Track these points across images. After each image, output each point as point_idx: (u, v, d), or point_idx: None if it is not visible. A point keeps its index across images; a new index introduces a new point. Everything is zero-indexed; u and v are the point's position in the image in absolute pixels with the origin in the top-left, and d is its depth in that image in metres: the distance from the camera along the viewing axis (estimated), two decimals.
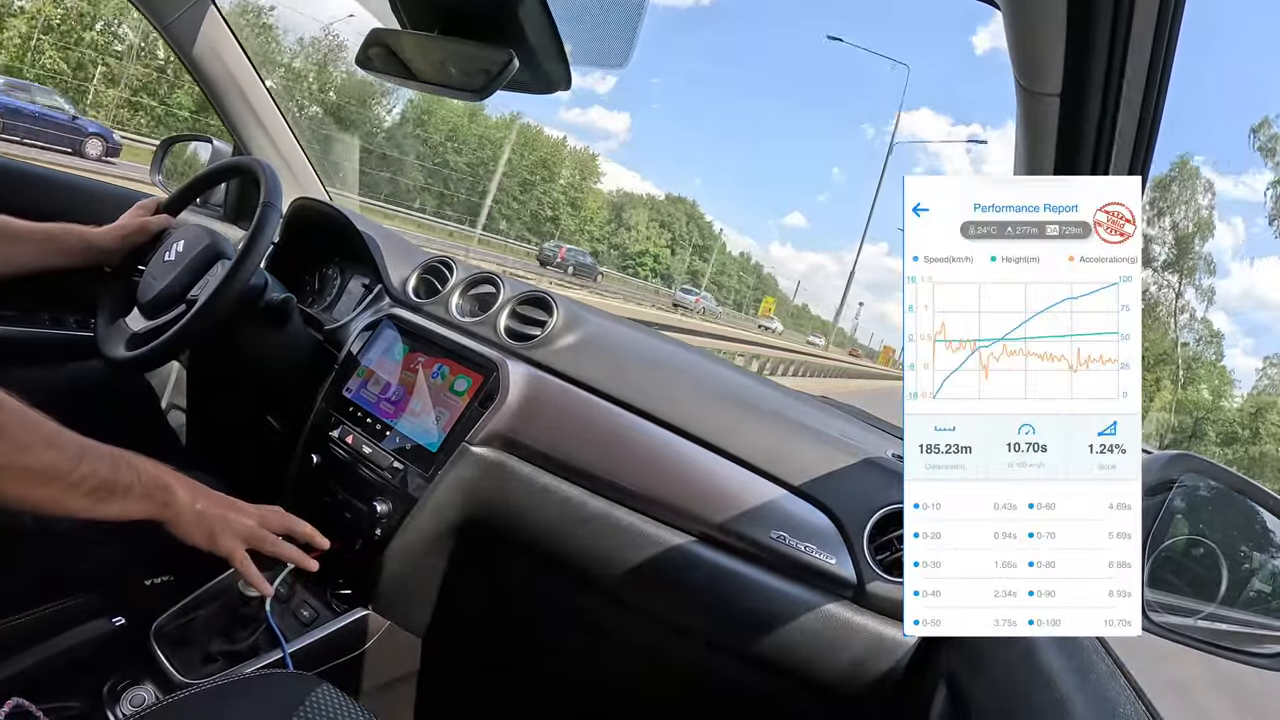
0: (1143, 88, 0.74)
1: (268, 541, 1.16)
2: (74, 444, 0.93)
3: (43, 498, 0.91)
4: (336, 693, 1.02)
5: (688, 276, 75.39)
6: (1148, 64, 0.72)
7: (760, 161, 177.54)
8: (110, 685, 1.25)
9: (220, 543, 1.10)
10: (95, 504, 0.95)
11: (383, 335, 1.52)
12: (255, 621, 1.32)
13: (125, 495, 0.98)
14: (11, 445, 0.87)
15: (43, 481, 0.90)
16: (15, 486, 0.88)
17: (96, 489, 0.94)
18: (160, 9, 1.79)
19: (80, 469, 0.92)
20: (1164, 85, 0.74)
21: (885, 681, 1.14)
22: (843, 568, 1.15)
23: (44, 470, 0.89)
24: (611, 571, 1.26)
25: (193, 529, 1.08)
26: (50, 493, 0.91)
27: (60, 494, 0.91)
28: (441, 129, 51.81)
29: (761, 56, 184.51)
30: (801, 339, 61.82)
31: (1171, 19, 0.68)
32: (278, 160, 2.02)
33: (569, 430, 1.33)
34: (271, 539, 1.16)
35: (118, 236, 1.46)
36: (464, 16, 0.89)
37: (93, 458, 0.94)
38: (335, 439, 1.46)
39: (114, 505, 0.98)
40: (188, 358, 1.82)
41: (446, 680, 1.60)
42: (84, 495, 0.94)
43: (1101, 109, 0.77)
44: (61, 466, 0.91)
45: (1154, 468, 0.82)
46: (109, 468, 0.96)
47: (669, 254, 75.83)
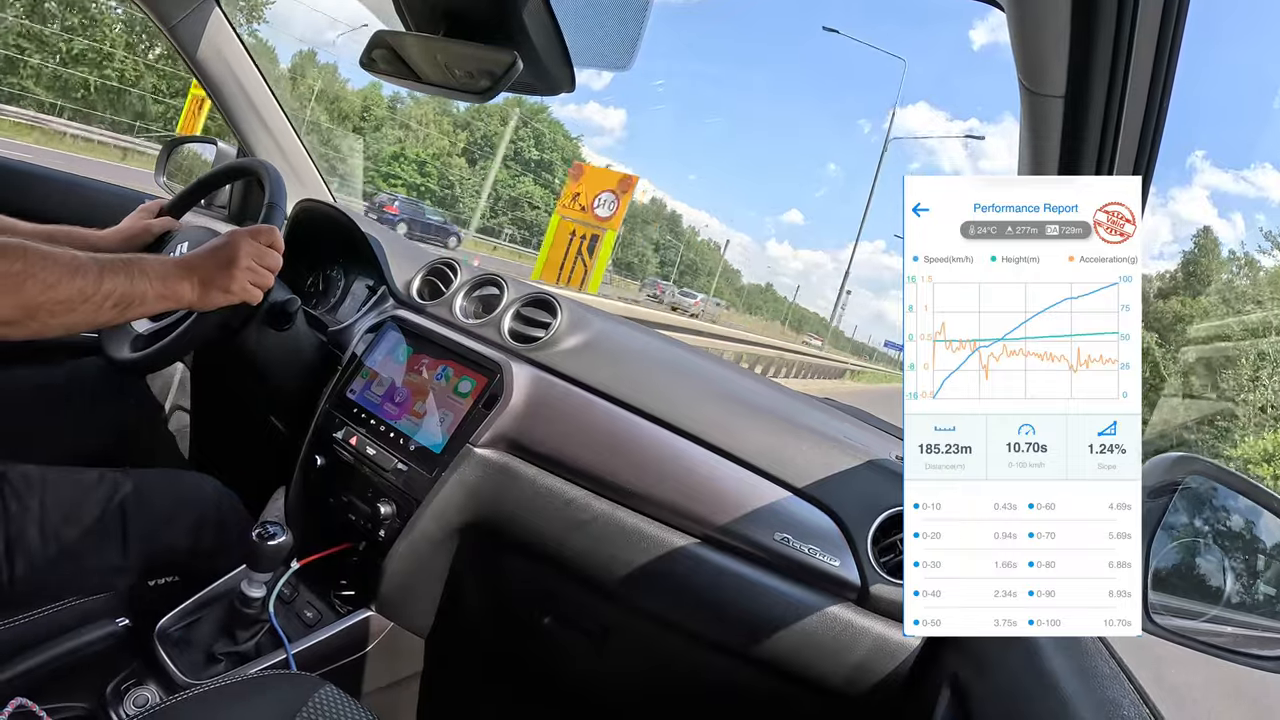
0: (1146, 88, 0.74)
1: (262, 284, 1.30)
2: (93, 266, 1.06)
3: (77, 321, 1.05)
4: (339, 694, 1.02)
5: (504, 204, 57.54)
6: (1151, 64, 0.72)
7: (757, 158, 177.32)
8: (114, 686, 1.25)
9: (233, 296, 1.25)
10: (121, 314, 1.10)
11: (387, 337, 1.53)
12: (258, 622, 1.32)
13: (143, 302, 1.13)
14: (42, 284, 0.99)
15: (75, 307, 1.03)
16: (52, 317, 1.02)
17: (119, 302, 1.09)
18: (165, 11, 1.79)
19: (103, 288, 1.06)
20: (1168, 85, 0.74)
21: (889, 684, 1.14)
22: (846, 570, 1.15)
23: (73, 298, 1.02)
24: (614, 573, 1.26)
25: (207, 302, 1.23)
26: (82, 315, 1.05)
27: (91, 313, 1.06)
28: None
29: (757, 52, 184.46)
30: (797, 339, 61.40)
31: (1176, 19, 0.68)
32: (282, 162, 2.02)
33: (572, 432, 1.33)
34: (266, 281, 1.31)
35: (120, 239, 1.47)
36: (468, 18, 0.89)
37: (111, 274, 1.07)
38: (339, 440, 1.46)
39: (135, 311, 1.13)
40: (192, 359, 1.82)
41: (449, 681, 1.60)
42: (111, 309, 1.08)
43: (1105, 110, 0.77)
44: (87, 290, 1.04)
45: (1158, 470, 0.81)
46: (126, 281, 1.10)
47: (462, 162, 53.23)
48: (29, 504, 1.19)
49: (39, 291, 0.99)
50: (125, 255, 1.13)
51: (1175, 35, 0.69)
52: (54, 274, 1.01)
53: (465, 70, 0.92)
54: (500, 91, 0.90)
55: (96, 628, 1.27)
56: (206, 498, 1.46)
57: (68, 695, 1.21)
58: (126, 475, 1.33)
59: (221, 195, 2.11)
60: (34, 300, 0.99)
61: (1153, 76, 0.73)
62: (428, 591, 1.46)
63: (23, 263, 0.98)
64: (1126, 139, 0.79)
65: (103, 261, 1.07)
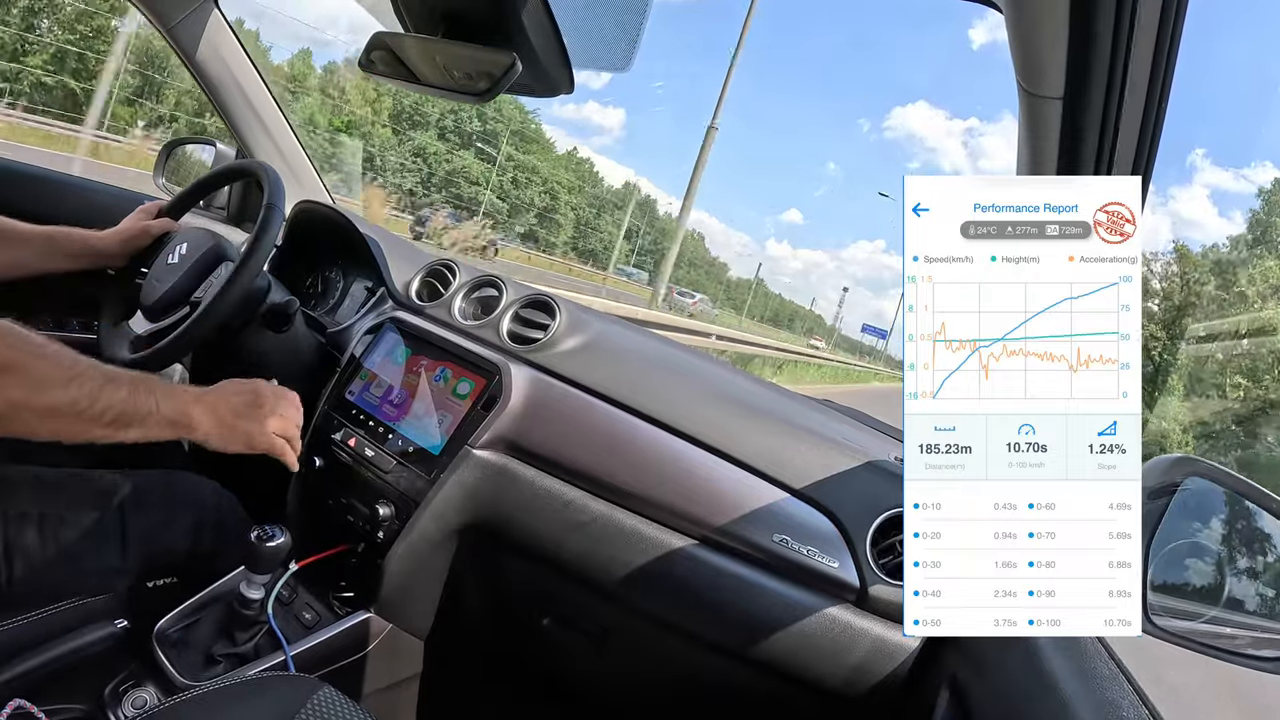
0: (1145, 89, 0.74)
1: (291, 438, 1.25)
2: (96, 375, 0.97)
3: (63, 430, 0.95)
4: (338, 695, 1.02)
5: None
6: (1150, 65, 0.72)
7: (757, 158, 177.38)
8: (112, 687, 1.25)
9: (258, 446, 1.20)
10: (116, 431, 1.01)
11: (385, 338, 1.53)
12: (257, 624, 1.32)
13: (144, 422, 1.04)
14: (30, 383, 0.90)
15: (63, 416, 0.94)
16: (36, 423, 0.92)
17: (116, 419, 1.00)
18: (164, 12, 1.79)
19: (100, 402, 0.97)
20: (1167, 86, 0.74)
21: (888, 685, 1.14)
22: (845, 571, 1.15)
23: (64, 406, 0.93)
24: (613, 574, 1.26)
25: (225, 442, 1.17)
26: (71, 425, 0.95)
27: (81, 426, 0.96)
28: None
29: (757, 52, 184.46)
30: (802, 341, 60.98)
31: (1174, 20, 0.68)
32: (280, 163, 2.02)
33: (571, 433, 1.33)
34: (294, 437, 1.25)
35: (119, 240, 1.47)
36: (467, 20, 0.89)
37: (112, 388, 0.99)
38: (338, 442, 1.46)
39: (133, 431, 1.03)
40: (190, 361, 1.82)
41: (449, 683, 1.60)
42: (105, 425, 0.99)
43: (1104, 111, 0.77)
44: (81, 403, 0.95)
45: (1156, 471, 0.81)
46: (128, 396, 1.01)
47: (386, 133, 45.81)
48: (27, 506, 1.19)
49: (24, 390, 0.90)
50: (136, 373, 1.05)
51: (1174, 35, 0.69)
52: (49, 372, 0.93)
53: (464, 72, 0.92)
54: (499, 93, 0.90)
55: (95, 629, 1.27)
56: (205, 499, 1.45)
57: (66, 697, 1.21)
58: (125, 477, 1.33)
59: (220, 196, 2.11)
60: (16, 398, 0.90)
61: (1151, 77, 0.73)
62: (427, 593, 1.46)
63: (12, 350, 0.90)
64: (1125, 140, 0.79)
65: (107, 371, 1.00)
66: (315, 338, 1.62)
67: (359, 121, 42.52)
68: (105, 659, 1.27)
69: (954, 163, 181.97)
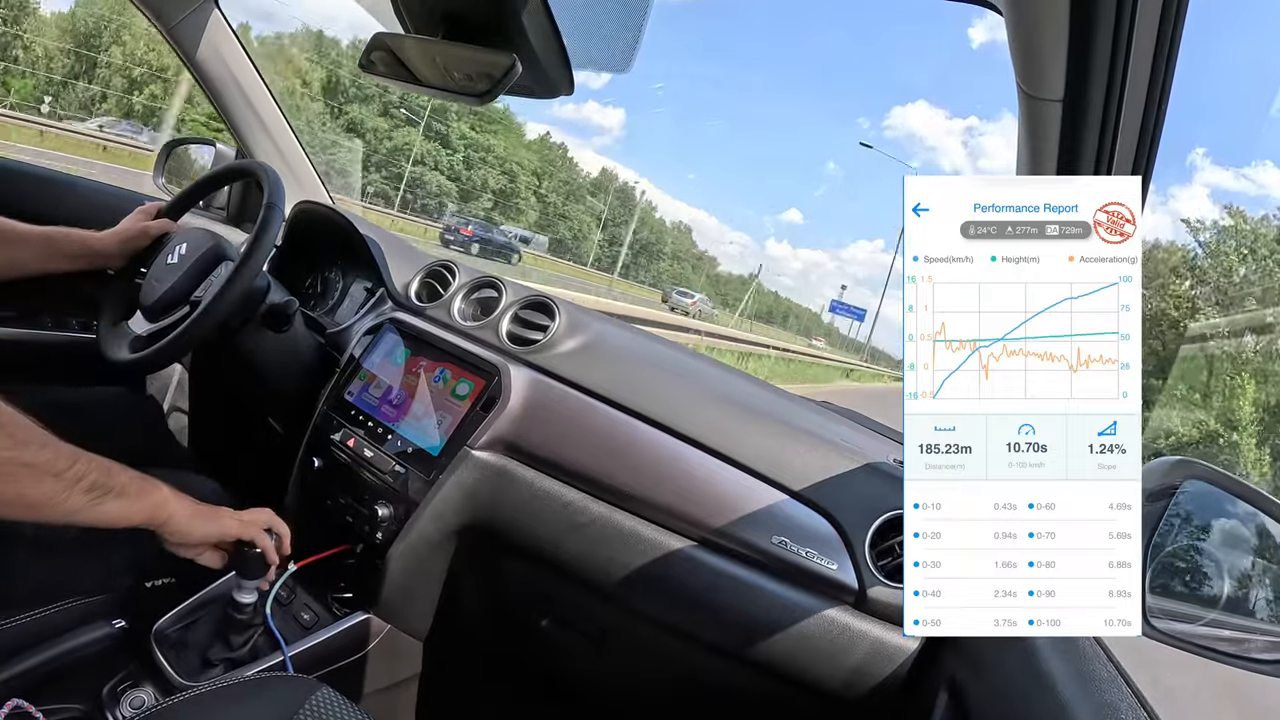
0: (1145, 91, 0.74)
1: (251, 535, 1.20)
2: (67, 447, 0.94)
3: (41, 496, 0.91)
4: (336, 696, 1.02)
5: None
6: (1150, 67, 0.72)
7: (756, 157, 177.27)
8: (110, 687, 1.25)
9: (230, 535, 1.17)
10: (93, 504, 0.96)
11: (385, 339, 1.53)
12: (251, 627, 1.32)
13: (121, 496, 1.00)
14: (11, 439, 0.88)
15: (41, 477, 0.90)
16: (14, 484, 0.89)
17: (93, 488, 0.96)
18: (164, 11, 1.79)
19: (75, 468, 0.93)
20: (1166, 88, 0.74)
21: (887, 687, 1.13)
22: (844, 573, 1.15)
23: (42, 466, 0.90)
24: (612, 575, 1.26)
25: (184, 539, 1.12)
26: (48, 490, 0.91)
27: (58, 491, 0.92)
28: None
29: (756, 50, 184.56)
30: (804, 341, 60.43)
31: (1174, 22, 0.68)
32: (280, 163, 2.02)
33: (570, 434, 1.33)
34: (256, 533, 1.20)
35: (118, 240, 1.47)
36: (467, 21, 0.89)
37: (85, 460, 0.95)
38: (337, 442, 1.46)
39: (111, 505, 0.99)
40: (190, 360, 1.82)
41: (447, 684, 1.60)
42: (82, 493, 0.95)
43: (1103, 113, 0.77)
44: (58, 464, 0.92)
45: (1156, 474, 0.82)
46: (102, 470, 0.97)
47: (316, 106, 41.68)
48: None
49: (5, 444, 0.88)
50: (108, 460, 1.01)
51: (1174, 37, 0.69)
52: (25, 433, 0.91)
53: (464, 73, 0.92)
54: (499, 94, 0.90)
55: (93, 629, 1.27)
56: (204, 499, 1.45)
57: (64, 697, 1.21)
58: None
59: (220, 197, 2.11)
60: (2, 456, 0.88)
61: (1151, 79, 0.74)
62: (426, 593, 1.46)
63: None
64: (1124, 141, 0.79)
65: (78, 450, 0.96)
66: (314, 338, 1.62)
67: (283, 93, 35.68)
68: (103, 659, 1.27)
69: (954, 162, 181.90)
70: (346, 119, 43.51)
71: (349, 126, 43.12)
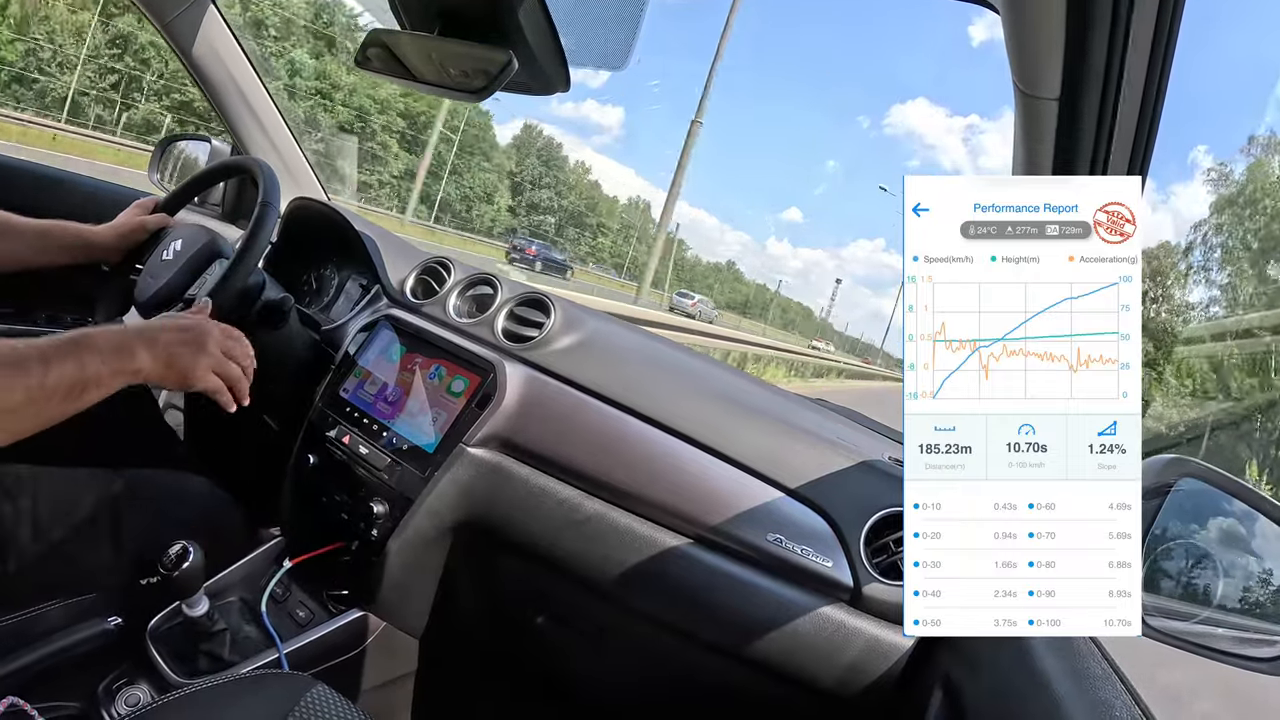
0: (1141, 90, 0.74)
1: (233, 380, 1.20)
2: (34, 354, 0.92)
3: (22, 427, 0.91)
4: (331, 693, 1.02)
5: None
6: (1146, 66, 0.72)
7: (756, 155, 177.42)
8: (105, 685, 1.25)
9: (194, 382, 1.14)
10: (73, 403, 0.96)
11: (380, 336, 1.52)
12: (251, 622, 1.32)
13: (98, 384, 0.99)
14: None
15: (21, 411, 0.90)
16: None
17: (70, 390, 0.95)
18: (160, 7, 1.78)
19: (49, 380, 0.92)
20: (1163, 86, 0.74)
21: (882, 685, 1.14)
22: (839, 571, 1.15)
23: (20, 405, 0.90)
24: (607, 573, 1.26)
25: (165, 381, 1.11)
26: (30, 415, 0.92)
27: (39, 412, 0.92)
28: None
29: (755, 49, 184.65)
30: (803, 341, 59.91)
31: (1171, 21, 0.68)
32: (276, 160, 2.02)
33: (565, 432, 1.32)
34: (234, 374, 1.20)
35: (114, 235, 1.46)
36: (463, 17, 0.89)
37: (58, 362, 0.94)
38: (332, 439, 1.46)
39: (90, 395, 0.99)
40: None
41: (443, 681, 1.60)
42: (61, 401, 0.94)
43: (1099, 112, 0.77)
44: (33, 391, 0.91)
45: (1150, 472, 0.82)
46: (75, 366, 0.96)
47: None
48: (21, 503, 1.18)
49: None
50: (73, 334, 1.00)
51: (1170, 37, 0.70)
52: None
53: (460, 69, 0.92)
54: (495, 91, 0.90)
55: (88, 626, 1.27)
56: (199, 496, 1.45)
57: (59, 694, 1.21)
58: (119, 474, 1.33)
59: (215, 193, 2.10)
60: None
61: (1147, 78, 0.74)
62: (421, 591, 1.46)
63: None
64: (1121, 141, 0.80)
65: (46, 349, 0.94)
66: (310, 335, 1.62)
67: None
68: (99, 656, 1.27)
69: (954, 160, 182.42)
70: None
71: (113, 42, 30.65)
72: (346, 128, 40.59)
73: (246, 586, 1.45)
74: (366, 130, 42.77)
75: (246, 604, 1.41)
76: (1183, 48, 0.71)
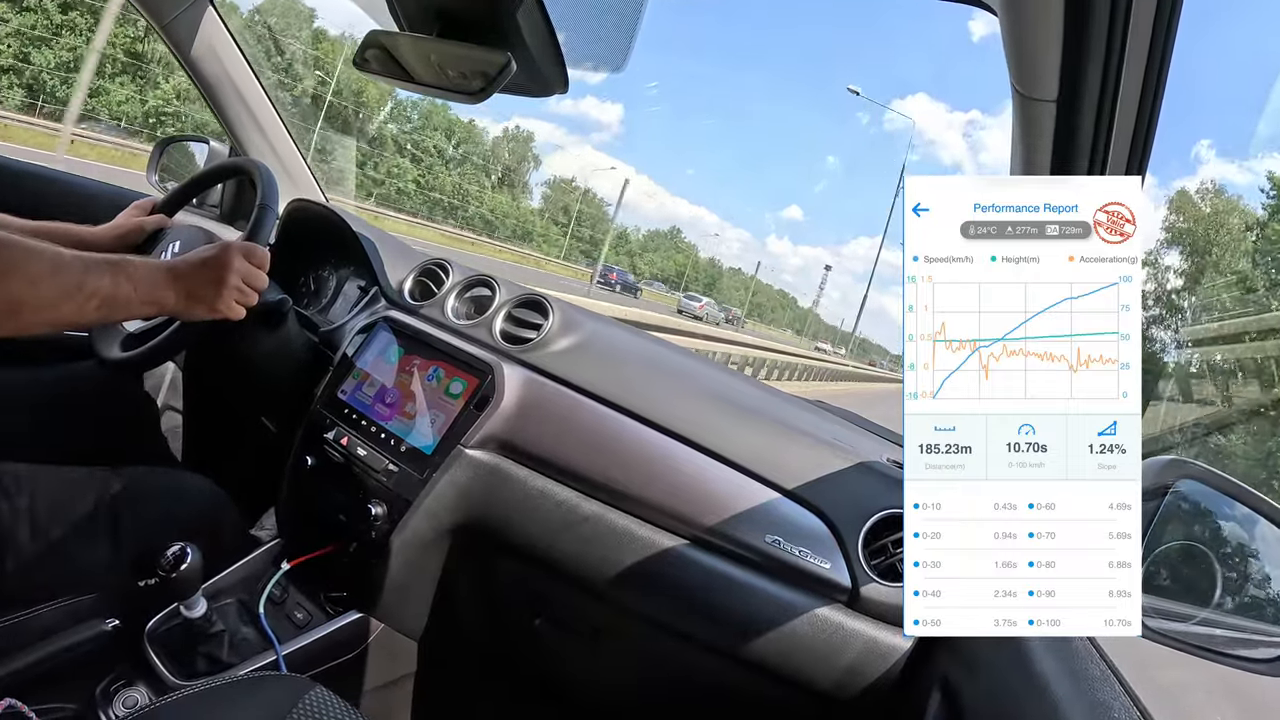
0: (1139, 90, 0.74)
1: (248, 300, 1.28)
2: (77, 263, 1.03)
3: (60, 319, 1.03)
4: (330, 695, 1.02)
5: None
6: (1144, 67, 0.72)
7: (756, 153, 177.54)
8: (103, 687, 1.25)
9: (215, 313, 1.23)
10: (107, 315, 1.09)
11: (378, 337, 1.52)
12: (249, 624, 1.32)
13: (127, 305, 1.11)
14: (26, 280, 0.96)
15: (58, 305, 1.01)
16: (36, 314, 0.99)
17: (103, 304, 1.06)
18: (158, 8, 1.79)
19: (86, 287, 1.04)
20: (1161, 86, 0.74)
21: (880, 686, 1.14)
22: (837, 572, 1.15)
23: (58, 297, 1.00)
24: (605, 574, 1.26)
25: (190, 313, 1.22)
26: (66, 313, 1.03)
27: (74, 313, 1.03)
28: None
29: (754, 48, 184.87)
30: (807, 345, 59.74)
31: (1169, 22, 0.68)
32: (274, 162, 2.01)
33: (563, 433, 1.32)
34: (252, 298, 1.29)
35: (112, 236, 1.46)
36: (461, 19, 0.89)
37: (96, 274, 1.05)
38: (330, 441, 1.46)
39: (120, 313, 1.13)
40: (183, 359, 1.82)
41: (442, 683, 1.60)
42: (95, 310, 1.06)
43: (1097, 113, 0.77)
44: (70, 290, 1.02)
45: (1149, 473, 0.82)
46: (110, 283, 1.07)
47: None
48: (18, 503, 1.18)
49: (22, 287, 0.97)
50: (112, 256, 1.11)
51: (1168, 37, 0.70)
52: (38, 268, 0.99)
53: (459, 71, 0.92)
54: (494, 92, 0.90)
55: (86, 628, 1.27)
56: (198, 497, 1.45)
57: (57, 696, 1.21)
58: (117, 474, 1.33)
59: (213, 194, 2.10)
60: (17, 295, 0.97)
61: (1145, 79, 0.74)
62: (420, 592, 1.46)
63: (5, 255, 0.96)
64: (1119, 142, 0.80)
65: (87, 260, 1.05)
66: (308, 337, 1.62)
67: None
68: (96, 658, 1.27)
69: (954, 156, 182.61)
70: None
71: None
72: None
73: (245, 588, 1.44)
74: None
75: (244, 605, 1.41)
76: (1190, 40, 0.71)
